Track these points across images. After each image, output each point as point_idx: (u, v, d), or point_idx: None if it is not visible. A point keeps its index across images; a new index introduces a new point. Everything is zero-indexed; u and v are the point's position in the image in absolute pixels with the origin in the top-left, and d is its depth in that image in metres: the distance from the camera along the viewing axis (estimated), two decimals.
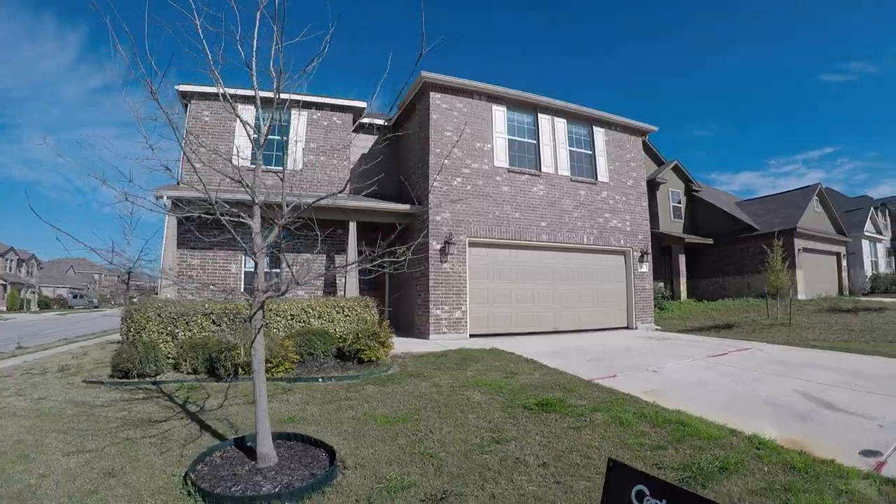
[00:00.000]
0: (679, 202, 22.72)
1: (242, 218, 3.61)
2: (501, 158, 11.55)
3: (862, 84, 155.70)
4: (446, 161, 10.80)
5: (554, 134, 12.50)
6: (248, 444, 3.81)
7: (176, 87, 10.70)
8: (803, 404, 4.94)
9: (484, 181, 11.25)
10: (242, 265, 10.72)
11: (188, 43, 3.36)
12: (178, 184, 10.67)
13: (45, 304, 39.78)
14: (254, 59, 3.60)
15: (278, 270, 11.18)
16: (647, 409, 4.76)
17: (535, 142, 12.24)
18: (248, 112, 11.40)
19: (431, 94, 10.88)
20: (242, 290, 10.63)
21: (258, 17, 3.57)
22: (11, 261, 44.21)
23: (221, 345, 6.84)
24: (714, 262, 21.62)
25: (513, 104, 11.93)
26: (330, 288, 11.38)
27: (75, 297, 46.03)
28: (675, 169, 22.77)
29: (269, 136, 12.15)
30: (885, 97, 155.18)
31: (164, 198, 9.16)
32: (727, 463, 3.36)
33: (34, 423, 4.64)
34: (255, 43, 3.57)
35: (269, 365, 6.58)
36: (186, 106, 10.86)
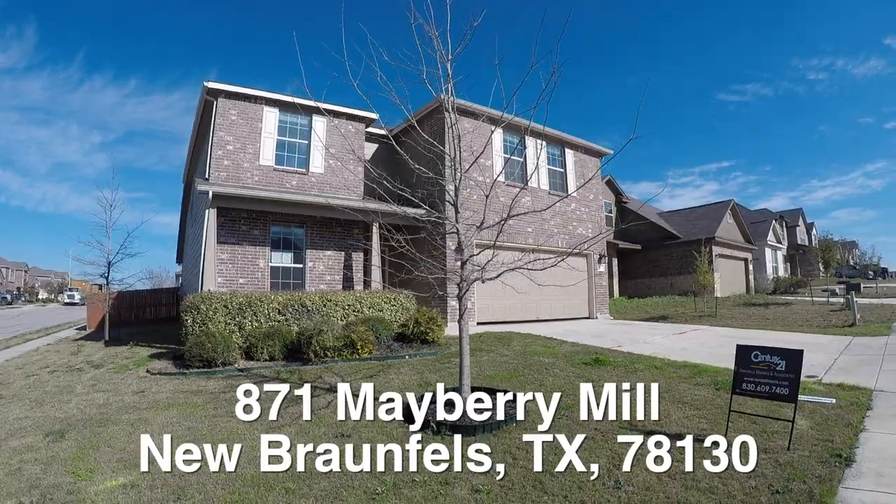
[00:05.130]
0: (611, 212, 26.36)
1: (440, 218, 5.04)
2: (499, 173, 13.46)
3: (757, 104, 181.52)
4: (458, 174, 12.46)
5: (537, 154, 14.70)
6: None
7: (204, 83, 11.14)
8: None
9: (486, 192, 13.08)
10: (269, 260, 11.43)
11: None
12: (206, 179, 11.10)
13: None
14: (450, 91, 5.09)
15: (301, 266, 12.02)
16: (666, 361, 6.94)
17: (522, 160, 14.34)
18: (271, 115, 12.13)
19: (446, 114, 12.47)
20: (269, 284, 11.36)
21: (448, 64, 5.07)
22: None
23: (308, 330, 7.88)
24: (641, 266, 25.38)
25: (507, 127, 13.89)
26: (347, 283, 12.46)
27: None
28: (608, 183, 26.37)
29: (293, 141, 12.84)
30: (779, 117, 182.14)
31: (210, 194, 9.73)
32: None
33: (180, 413, 5.06)
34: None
35: (356, 347, 7.81)
36: (213, 103, 11.28)
